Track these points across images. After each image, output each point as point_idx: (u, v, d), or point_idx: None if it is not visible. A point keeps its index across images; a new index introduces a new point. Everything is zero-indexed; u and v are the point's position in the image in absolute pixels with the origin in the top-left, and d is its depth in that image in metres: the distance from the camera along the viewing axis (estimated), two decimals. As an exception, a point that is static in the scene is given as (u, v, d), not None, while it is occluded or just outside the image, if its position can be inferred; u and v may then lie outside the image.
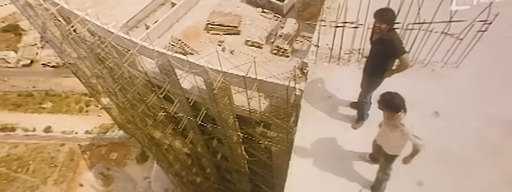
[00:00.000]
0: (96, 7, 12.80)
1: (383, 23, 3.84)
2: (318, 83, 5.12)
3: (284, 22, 12.18)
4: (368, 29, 4.50)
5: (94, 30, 9.66)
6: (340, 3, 4.14)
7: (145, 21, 13.10)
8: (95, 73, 12.21)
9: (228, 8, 12.97)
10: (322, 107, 5.02)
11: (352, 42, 4.86)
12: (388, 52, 4.02)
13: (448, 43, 4.55)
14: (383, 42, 3.97)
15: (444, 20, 4.09)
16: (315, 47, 5.10)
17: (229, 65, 9.59)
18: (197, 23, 12.74)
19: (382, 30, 3.87)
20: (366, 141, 4.58)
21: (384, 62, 4.21)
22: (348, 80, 5.13)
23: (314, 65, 5.19)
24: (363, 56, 5.20)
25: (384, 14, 3.83)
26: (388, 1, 4.08)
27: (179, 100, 11.45)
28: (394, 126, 3.87)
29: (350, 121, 4.90)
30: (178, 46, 11.77)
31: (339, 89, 5.06)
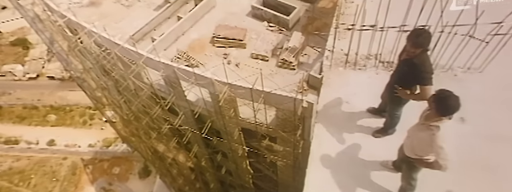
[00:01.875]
0: (103, 20, 12.95)
1: (417, 48, 3.56)
2: (333, 88, 4.96)
3: (290, 36, 12.19)
4: (385, 31, 4.35)
5: (100, 42, 9.70)
6: (358, 4, 3.97)
7: (151, 34, 13.20)
8: (101, 85, 12.20)
9: (233, 22, 13.05)
10: (339, 113, 4.83)
11: (369, 47, 4.71)
12: (414, 77, 3.79)
13: (472, 47, 4.38)
14: (412, 65, 3.73)
15: (468, 22, 3.93)
16: (330, 52, 4.96)
17: (235, 77, 9.52)
18: (202, 36, 12.81)
19: (415, 54, 3.62)
20: (388, 148, 4.34)
21: (407, 84, 3.98)
22: (366, 85, 4.95)
23: (329, 70, 5.03)
24: (380, 62, 5.04)
25: (420, 37, 3.53)
26: (409, 3, 3.92)
27: (184, 112, 11.33)
28: (427, 127, 3.52)
29: (369, 128, 4.68)
30: (184, 59, 11.77)
31: (356, 94, 4.89)
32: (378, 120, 4.65)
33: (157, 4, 14.56)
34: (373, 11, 4.09)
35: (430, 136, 3.49)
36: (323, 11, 12.49)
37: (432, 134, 3.47)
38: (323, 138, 4.51)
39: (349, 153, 4.39)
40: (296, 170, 11.79)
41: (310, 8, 13.03)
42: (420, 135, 3.63)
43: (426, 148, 3.65)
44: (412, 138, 3.83)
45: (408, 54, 3.74)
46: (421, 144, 3.69)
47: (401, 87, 4.02)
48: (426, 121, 3.56)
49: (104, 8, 14.61)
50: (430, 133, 3.47)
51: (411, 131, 3.90)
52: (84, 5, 14.76)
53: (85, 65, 11.42)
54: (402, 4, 4.00)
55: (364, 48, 4.66)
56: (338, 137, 4.53)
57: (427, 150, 3.67)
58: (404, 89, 4.01)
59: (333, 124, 4.64)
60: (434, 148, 3.53)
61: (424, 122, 3.59)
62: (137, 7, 14.69)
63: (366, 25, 4.17)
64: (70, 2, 14.17)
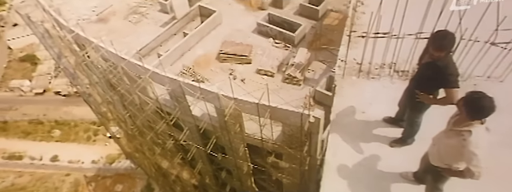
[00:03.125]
0: (110, 35, 13.13)
1: (441, 51, 3.34)
2: (347, 97, 4.78)
3: (295, 52, 12.22)
4: (399, 40, 4.25)
5: (107, 57, 9.77)
6: (372, 11, 3.88)
7: (157, 49, 13.33)
8: (106, 100, 12.23)
9: (239, 38, 13.16)
10: (354, 122, 4.64)
11: (383, 56, 4.60)
12: (439, 80, 3.57)
13: (493, 55, 4.24)
14: (436, 68, 3.51)
15: (488, 28, 3.81)
16: (342, 62, 4.86)
17: (240, 92, 9.47)
18: (208, 52, 12.89)
19: (440, 57, 3.42)
20: (408, 159, 4.10)
21: (430, 88, 3.74)
22: (381, 94, 4.77)
23: (341, 79, 4.89)
24: (395, 71, 4.91)
25: (444, 40, 3.29)
26: (425, 9, 3.83)
27: (189, 127, 11.21)
28: (456, 133, 3.19)
29: (386, 138, 4.47)
30: (189, 74, 11.80)
31: (372, 104, 4.70)
32: (395, 130, 4.45)
33: (164, 21, 14.82)
34: (386, 20, 4.02)
35: (461, 142, 3.17)
36: (328, 28, 12.58)
37: (463, 140, 3.15)
38: (338, 148, 4.32)
39: (366, 164, 4.17)
40: (302, 188, 11.48)
41: (316, 25, 13.15)
42: (450, 142, 3.32)
43: (456, 156, 3.34)
44: (439, 146, 3.51)
45: (432, 57, 3.52)
46: (450, 152, 3.39)
47: (423, 92, 3.80)
48: (455, 126, 3.25)
49: (112, 24, 14.89)
50: (461, 139, 3.16)
51: (437, 138, 3.59)
52: (92, 21, 15.05)
53: (92, 79, 11.48)
54: (416, 12, 3.93)
55: (378, 57, 4.56)
56: (354, 147, 4.32)
57: (458, 158, 3.36)
58: (427, 94, 3.79)
59: (348, 134, 4.44)
60: (465, 155, 3.20)
61: (453, 128, 3.28)
62: (144, 23, 14.94)
63: (380, 33, 4.09)
64: (79, 18, 14.47)
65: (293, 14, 13.74)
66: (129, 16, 15.16)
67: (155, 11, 15.39)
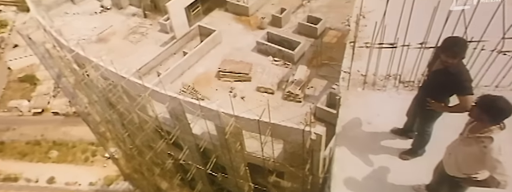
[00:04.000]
0: (110, 54, 13.21)
1: (454, 58, 3.24)
2: (353, 109, 4.67)
3: (295, 69, 12.28)
4: (404, 51, 4.20)
5: (107, 75, 9.76)
6: (376, 21, 3.86)
7: (157, 68, 13.38)
8: (105, 118, 12.13)
9: (239, 57, 13.26)
10: (361, 134, 4.49)
11: (388, 67, 4.55)
12: (452, 87, 3.46)
13: (500, 63, 4.18)
14: (449, 75, 3.41)
15: (496, 36, 3.78)
16: (346, 73, 4.81)
17: (241, 109, 9.40)
18: (208, 71, 12.94)
19: (453, 64, 3.33)
20: (420, 171, 3.94)
21: (442, 96, 3.62)
22: (387, 106, 4.67)
23: (346, 91, 4.80)
24: (400, 82, 4.85)
25: (456, 46, 3.20)
26: (430, 19, 3.81)
27: (188, 146, 11.04)
28: (475, 140, 3.01)
29: (395, 149, 4.31)
30: (189, 92, 11.77)
31: (378, 115, 4.57)
32: (404, 141, 4.31)
33: (164, 40, 14.98)
34: (389, 31, 4.02)
35: (482, 150, 2.98)
36: (327, 46, 12.70)
37: (484, 147, 2.96)
38: (346, 161, 4.17)
39: (376, 177, 4.00)
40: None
41: (315, 43, 13.30)
42: (468, 150, 3.12)
43: (476, 165, 3.15)
44: (456, 154, 3.27)
45: (444, 64, 3.42)
46: (469, 160, 3.18)
47: (434, 100, 3.72)
48: (473, 133, 3.08)
49: (112, 44, 15.05)
50: (482, 146, 2.97)
51: (452, 147, 3.35)
52: (93, 41, 15.22)
53: (91, 98, 11.44)
54: (420, 22, 3.92)
55: (383, 69, 4.51)
56: (362, 159, 4.16)
57: (478, 167, 3.17)
58: (438, 102, 3.70)
59: (355, 146, 4.30)
60: (488, 163, 3.01)
61: (470, 135, 3.10)
62: (144, 43, 15.10)
63: (384, 43, 4.07)
64: (79, 39, 14.64)
65: (292, 33, 13.93)
66: (129, 36, 15.36)
67: (155, 31, 15.61)
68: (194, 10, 15.54)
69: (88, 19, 16.40)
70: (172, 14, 13.94)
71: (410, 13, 3.93)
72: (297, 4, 15.51)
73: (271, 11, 14.85)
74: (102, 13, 17.01)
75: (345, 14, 14.16)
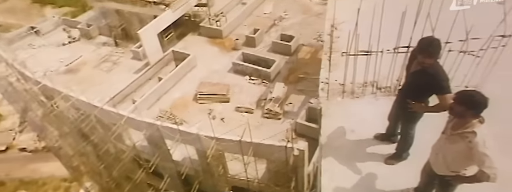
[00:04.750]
0: (81, 84, 12.81)
1: (431, 58, 3.33)
2: (335, 118, 4.66)
3: (272, 87, 12.34)
4: (379, 59, 4.29)
5: (78, 106, 9.36)
6: (350, 30, 3.92)
7: (132, 96, 13.03)
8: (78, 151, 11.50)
9: (216, 79, 13.21)
10: (346, 143, 4.46)
11: (364, 75, 4.62)
12: (430, 87, 3.52)
13: (467, 64, 4.33)
14: (427, 75, 3.47)
15: (460, 38, 3.93)
16: (325, 84, 4.82)
17: (221, 131, 9.21)
18: (185, 94, 12.75)
19: (430, 64, 3.41)
20: (407, 174, 3.90)
21: (421, 97, 3.68)
22: (367, 112, 4.71)
23: (327, 101, 4.80)
24: (377, 88, 4.91)
25: (431, 46, 3.29)
26: (399, 26, 3.94)
27: (169, 174, 10.58)
28: (459, 136, 3.04)
29: (381, 155, 4.27)
30: (167, 117, 11.46)
31: (360, 122, 4.59)
32: (388, 146, 4.31)
33: (137, 67, 14.76)
34: (362, 40, 4.13)
35: (467, 145, 3.00)
36: (302, 62, 12.95)
37: (469, 142, 2.98)
38: (334, 171, 4.08)
39: (365, 185, 3.93)
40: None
41: (290, 60, 13.52)
42: (455, 148, 3.15)
43: (464, 161, 3.16)
44: (443, 153, 3.28)
45: (421, 65, 3.49)
46: (457, 157, 3.19)
47: (414, 101, 3.76)
48: (455, 130, 3.11)
49: (82, 74, 14.62)
50: (467, 141, 3.00)
51: (439, 146, 3.36)
52: (61, 72, 14.75)
53: (62, 130, 10.88)
54: (390, 29, 4.06)
55: (360, 77, 4.60)
56: (350, 168, 4.10)
57: (466, 163, 3.18)
58: (418, 103, 3.74)
59: (342, 156, 4.25)
60: (475, 157, 3.02)
61: (454, 132, 3.13)
62: (117, 71, 14.79)
63: (359, 51, 4.16)
64: (46, 70, 14.16)
65: (266, 52, 14.16)
66: (101, 65, 15.02)
67: (127, 59, 15.39)
68: (167, 36, 15.53)
69: (55, 51, 16.01)
70: (144, 41, 13.84)
71: (380, 21, 4.06)
72: (269, 23, 15.90)
73: (244, 32, 15.09)
74: (71, 44, 16.68)
75: (316, 30, 14.62)
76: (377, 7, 4.14)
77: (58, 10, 25.06)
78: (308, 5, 16.97)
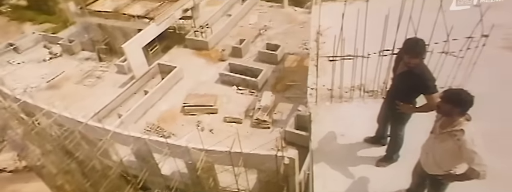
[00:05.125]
0: (64, 100, 12.48)
1: (417, 58, 3.37)
2: (324, 124, 4.65)
3: (260, 96, 12.31)
4: (365, 63, 4.33)
5: (61, 122, 9.07)
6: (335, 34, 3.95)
7: (117, 110, 12.75)
8: (62, 169, 11.08)
9: (203, 90, 13.12)
10: (337, 147, 4.43)
11: (351, 79, 4.65)
12: (417, 87, 3.55)
13: (450, 65, 4.41)
14: (413, 75, 3.51)
15: (442, 40, 4.01)
16: (314, 90, 4.82)
17: (210, 143, 9.07)
18: (172, 107, 12.58)
19: (416, 64, 3.44)
20: (398, 176, 3.89)
21: (409, 97, 3.71)
22: (356, 116, 4.74)
23: (315, 106, 4.80)
24: (364, 91, 4.94)
25: (417, 46, 3.35)
26: (383, 30, 3.99)
27: (158, 190, 10.28)
28: (448, 134, 3.07)
29: (372, 158, 4.25)
30: (154, 131, 11.24)
31: (350, 126, 4.59)
32: (379, 149, 4.31)
33: (122, 81, 14.53)
34: (348, 45, 4.18)
35: (456, 143, 3.03)
36: (289, 70, 13.01)
37: (458, 140, 3.01)
38: (326, 176, 4.04)
39: (358, 189, 3.90)
40: None
41: (276, 69, 13.58)
42: (444, 146, 3.17)
43: (455, 159, 3.18)
44: (432, 153, 3.32)
45: (408, 65, 3.53)
46: (447, 156, 3.21)
47: (402, 102, 3.75)
48: (444, 129, 3.14)
49: (65, 90, 14.28)
50: (455, 139, 3.02)
51: (428, 146, 3.40)
52: (42, 88, 14.38)
53: (44, 148, 10.49)
54: (375, 33, 4.12)
55: (347, 81, 4.63)
56: (342, 172, 4.07)
57: (457, 160, 3.19)
58: (406, 104, 3.76)
59: (333, 160, 4.23)
60: (464, 155, 3.04)
61: (442, 131, 3.16)
62: (101, 86, 14.51)
63: (345, 55, 4.20)
64: (26, 87, 13.79)
65: (253, 61, 14.21)
66: (84, 80, 14.73)
67: (112, 73, 15.16)
68: (152, 49, 15.42)
69: (36, 67, 15.65)
70: (129, 55, 13.68)
71: (364, 25, 4.12)
72: (254, 34, 16.01)
73: (230, 43, 15.13)
74: (52, 59, 16.35)
75: (301, 38, 14.79)
76: (361, 12, 4.20)
77: (38, 26, 24.60)
78: (292, 14, 17.22)
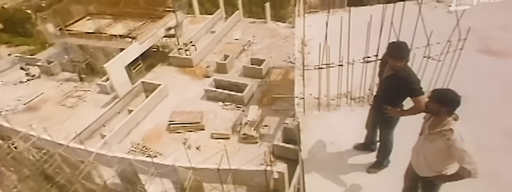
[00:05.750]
0: (43, 123, 12.02)
1: (401, 60, 3.42)
2: (313, 132, 4.60)
3: (247, 111, 12.21)
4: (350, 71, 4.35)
5: (40, 145, 8.68)
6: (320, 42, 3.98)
7: (100, 131, 12.36)
8: (41, 197, 10.48)
9: (189, 107, 12.93)
10: (327, 156, 4.37)
11: (338, 87, 4.66)
12: (404, 90, 3.57)
13: (431, 69, 4.49)
14: (399, 79, 3.54)
15: (422, 45, 4.08)
16: (300, 99, 4.79)
17: (198, 160, 8.84)
18: (158, 125, 12.30)
19: (401, 67, 3.48)
20: (390, 182, 3.83)
21: (396, 101, 3.73)
22: (344, 123, 4.73)
23: (304, 115, 4.76)
24: (351, 99, 4.94)
25: (400, 49, 3.41)
26: (366, 37, 4.03)
27: (145, 212, 9.83)
28: (438, 134, 3.07)
29: (362, 165, 4.20)
30: (139, 151, 10.90)
31: (339, 133, 4.54)
32: (369, 155, 4.26)
33: (105, 101, 14.17)
34: (332, 54, 4.23)
35: (446, 143, 3.03)
36: (274, 84, 13.02)
37: (447, 140, 3.01)
38: (318, 186, 3.94)
39: None
40: None
41: (262, 83, 13.58)
42: (434, 147, 3.16)
43: (446, 158, 3.16)
44: (423, 154, 3.30)
45: (393, 69, 3.57)
46: (437, 156, 3.20)
47: (390, 106, 3.72)
48: (433, 129, 3.14)
49: (44, 111, 13.79)
50: (445, 139, 3.03)
51: (418, 147, 3.39)
52: (19, 111, 13.85)
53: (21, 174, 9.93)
54: (358, 41, 4.19)
55: (333, 89, 4.66)
56: (333, 181, 4.01)
57: (448, 160, 3.17)
58: (394, 107, 3.77)
59: (324, 169, 4.16)
60: (455, 154, 3.05)
61: (431, 131, 3.16)
62: (82, 106, 14.10)
63: (331, 63, 4.22)
64: (1, 110, 13.27)
65: (238, 77, 14.20)
66: (64, 101, 14.29)
67: (93, 93, 14.81)
68: (135, 68, 15.22)
69: (12, 89, 15.17)
70: (111, 74, 13.43)
71: (348, 33, 4.17)
72: (238, 49, 16.10)
73: (215, 59, 15.12)
74: (30, 81, 15.89)
75: (285, 52, 14.95)
76: (344, 21, 4.27)
77: (14, 49, 24.08)
78: (275, 29, 17.49)
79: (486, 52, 5.68)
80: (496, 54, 5.60)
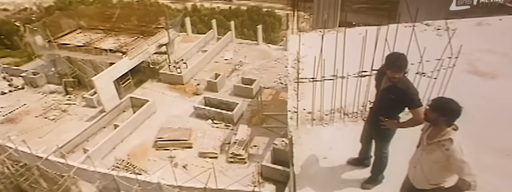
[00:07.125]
0: (23, 135, 11.51)
1: (400, 72, 3.39)
2: (306, 146, 4.50)
3: (236, 130, 12.03)
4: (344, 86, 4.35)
5: (16, 157, 8.25)
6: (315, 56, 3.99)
7: (83, 145, 11.90)
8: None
9: (177, 124, 12.69)
10: (320, 171, 4.25)
11: (332, 102, 4.65)
12: (402, 102, 3.52)
13: (424, 86, 4.51)
14: (397, 90, 3.50)
15: (415, 61, 4.13)
16: (293, 113, 4.74)
17: (184, 179, 8.57)
18: (144, 142, 11.95)
19: (399, 78, 3.43)
20: None
21: (394, 112, 3.68)
22: (338, 138, 4.65)
23: (297, 129, 4.68)
24: (344, 114, 4.91)
25: (399, 61, 3.40)
26: (361, 53, 4.06)
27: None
28: (436, 145, 2.98)
29: (356, 180, 4.08)
30: (123, 167, 10.47)
31: (332, 148, 4.45)
32: (363, 171, 4.16)
33: (90, 115, 13.79)
34: (326, 69, 4.26)
35: (445, 153, 2.93)
36: (264, 103, 12.98)
37: (446, 150, 2.92)
38: None
39: None
40: None
41: (252, 102, 13.52)
42: (432, 158, 3.06)
43: (444, 170, 3.07)
44: (420, 166, 3.20)
45: (391, 80, 3.51)
46: (435, 168, 3.10)
47: (387, 118, 3.62)
48: (431, 139, 3.05)
49: (24, 123, 13.25)
50: (444, 149, 2.93)
51: (415, 159, 3.28)
52: (-2, 122, 13.30)
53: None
54: (352, 56, 4.24)
55: (327, 104, 4.65)
56: None
57: (447, 172, 3.07)
58: (391, 119, 3.72)
59: (317, 185, 4.04)
60: (454, 165, 2.93)
61: (429, 142, 3.06)
62: (66, 119, 13.64)
63: (324, 77, 4.23)
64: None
65: (228, 95, 14.12)
66: (47, 114, 13.83)
67: (79, 107, 14.43)
68: (124, 83, 15.00)
69: (-8, 100, 14.62)
70: (99, 88, 13.18)
71: (343, 49, 4.24)
72: (229, 68, 16.14)
73: (205, 77, 15.08)
74: (12, 92, 15.41)
75: (276, 73, 15.07)
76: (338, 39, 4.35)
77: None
78: (267, 51, 17.73)
79: (474, 73, 5.85)
80: (484, 75, 5.77)
